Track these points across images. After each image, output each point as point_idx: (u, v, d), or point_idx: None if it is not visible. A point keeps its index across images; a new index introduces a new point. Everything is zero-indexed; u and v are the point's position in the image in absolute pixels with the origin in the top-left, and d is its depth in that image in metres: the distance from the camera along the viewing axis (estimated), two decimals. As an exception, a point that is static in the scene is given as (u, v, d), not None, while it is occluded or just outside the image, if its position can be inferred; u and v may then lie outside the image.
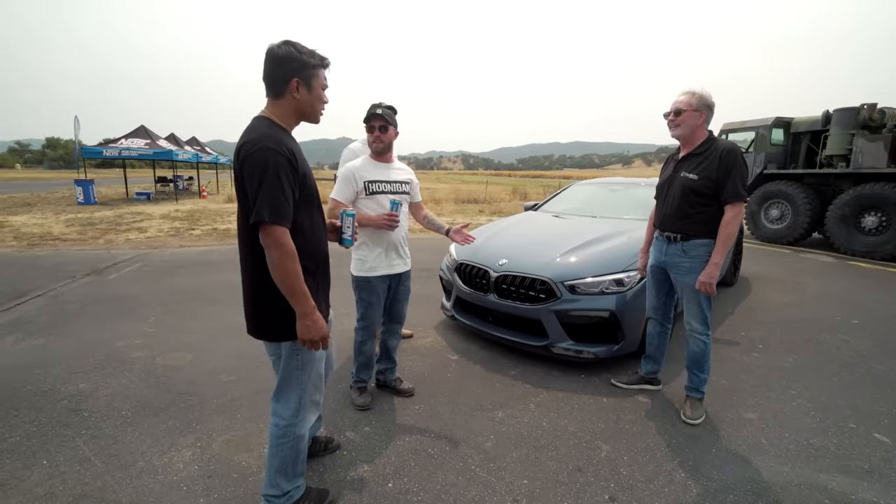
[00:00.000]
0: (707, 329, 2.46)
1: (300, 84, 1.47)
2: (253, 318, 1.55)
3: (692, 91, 2.33)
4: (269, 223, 1.35)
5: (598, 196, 5.08)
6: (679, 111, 2.35)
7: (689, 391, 2.56)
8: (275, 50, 1.44)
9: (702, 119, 2.35)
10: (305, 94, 1.49)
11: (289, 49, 1.44)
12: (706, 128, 2.39)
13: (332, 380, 2.83)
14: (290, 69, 1.44)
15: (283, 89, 1.47)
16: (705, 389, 2.54)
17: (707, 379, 2.53)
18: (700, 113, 2.33)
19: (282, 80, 1.45)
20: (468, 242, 2.61)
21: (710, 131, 2.41)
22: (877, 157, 7.34)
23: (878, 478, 2.01)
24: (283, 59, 1.44)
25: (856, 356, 3.34)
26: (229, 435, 2.27)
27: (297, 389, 1.60)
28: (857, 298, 4.91)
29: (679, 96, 2.37)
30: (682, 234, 2.42)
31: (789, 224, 8.52)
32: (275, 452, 1.62)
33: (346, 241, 1.79)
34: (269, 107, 1.50)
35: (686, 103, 2.33)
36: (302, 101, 1.50)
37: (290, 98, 1.48)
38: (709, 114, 2.35)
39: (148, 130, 16.98)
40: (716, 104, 2.35)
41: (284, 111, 1.50)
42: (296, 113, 1.53)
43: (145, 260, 6.46)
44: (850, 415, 2.53)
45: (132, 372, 2.94)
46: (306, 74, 1.47)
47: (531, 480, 1.97)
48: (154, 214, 12.04)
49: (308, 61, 1.46)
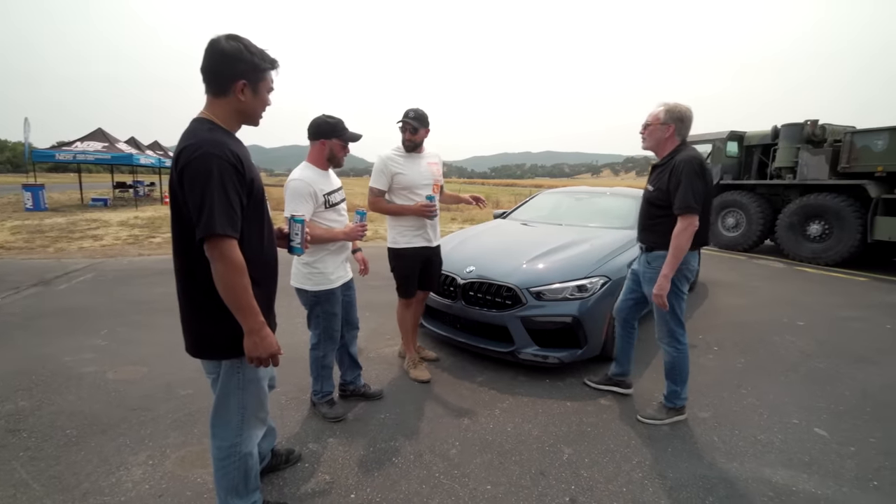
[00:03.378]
0: (675, 339, 2.46)
1: (246, 87, 1.36)
2: (190, 335, 1.45)
3: (664, 104, 2.38)
4: (215, 235, 1.25)
5: (565, 204, 5.22)
6: (647, 124, 2.43)
7: (663, 398, 2.58)
8: (222, 44, 1.31)
9: (669, 132, 2.36)
10: (251, 96, 1.38)
11: (238, 46, 1.32)
12: (677, 139, 2.38)
13: (293, 390, 2.78)
14: (238, 70, 1.34)
15: (226, 89, 1.35)
16: (680, 404, 2.53)
17: (680, 392, 2.51)
18: (667, 126, 2.35)
19: (227, 79, 1.34)
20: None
21: (682, 143, 2.40)
22: (819, 170, 7.86)
23: (817, 469, 2.13)
24: (230, 57, 1.32)
25: (801, 356, 3.55)
26: (184, 451, 2.18)
27: (238, 409, 1.50)
28: (803, 301, 5.22)
29: (654, 107, 2.43)
30: (646, 244, 2.48)
31: (744, 232, 8.99)
32: (222, 475, 1.54)
33: (295, 250, 1.71)
34: (209, 106, 1.38)
35: (654, 116, 2.40)
36: (246, 104, 1.39)
37: (234, 99, 1.37)
38: (679, 126, 2.35)
39: (106, 133, 16.25)
40: (691, 118, 2.34)
41: (226, 112, 1.38)
42: (238, 115, 1.41)
43: (100, 269, 6.15)
44: (793, 411, 2.68)
45: (80, 388, 2.78)
46: (254, 77, 1.37)
47: (494, 486, 1.99)
48: (111, 221, 11.49)
49: (258, 63, 1.36)
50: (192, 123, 1.37)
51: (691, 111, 2.36)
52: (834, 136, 8.16)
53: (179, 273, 1.42)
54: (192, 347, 1.46)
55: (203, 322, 1.41)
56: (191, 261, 1.36)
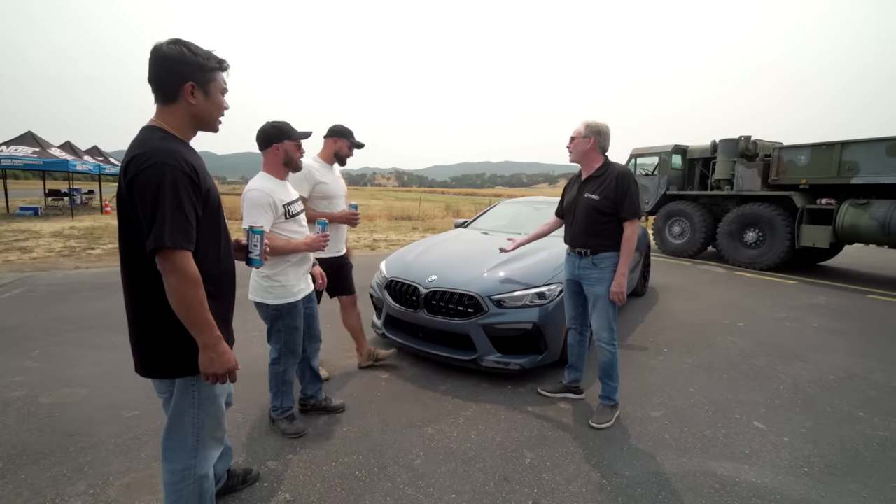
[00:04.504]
0: (613, 339, 2.66)
1: (195, 88, 1.32)
2: (140, 354, 1.37)
3: (585, 120, 2.66)
4: (168, 248, 1.20)
5: (524, 214, 5.36)
6: (572, 138, 2.69)
7: (601, 399, 2.74)
8: (164, 49, 1.28)
9: (590, 144, 2.62)
10: (202, 99, 1.35)
11: (180, 49, 1.29)
12: (598, 151, 2.65)
13: (249, 406, 2.68)
14: (183, 72, 1.30)
15: (174, 94, 1.31)
16: (617, 398, 2.72)
17: (617, 387, 2.72)
18: (588, 139, 2.62)
19: (173, 83, 1.30)
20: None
21: (605, 157, 2.69)
22: (753, 181, 8.56)
23: (756, 460, 2.30)
24: (173, 61, 1.29)
25: (741, 355, 3.82)
26: (129, 477, 2.04)
27: (193, 429, 1.43)
28: (742, 304, 5.63)
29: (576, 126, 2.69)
30: (590, 248, 2.64)
31: (689, 239, 9.60)
32: (174, 499, 1.45)
33: (254, 262, 1.65)
34: (160, 114, 1.33)
35: (576, 131, 2.67)
36: (198, 108, 1.35)
37: (185, 104, 1.33)
38: (598, 139, 2.62)
39: (37, 137, 14.96)
40: (609, 131, 2.64)
41: (178, 119, 1.34)
42: (192, 121, 1.37)
43: (29, 284, 5.64)
44: (735, 406, 2.88)
45: (6, 414, 2.54)
46: (202, 78, 1.33)
47: (459, 494, 2.00)
48: (43, 232, 10.59)
49: (204, 64, 1.33)
50: (143, 132, 1.31)
51: (608, 126, 2.66)
52: (765, 150, 8.91)
53: (128, 288, 1.34)
54: (142, 367, 1.38)
55: (154, 339, 1.34)
56: (140, 275, 1.29)
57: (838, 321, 4.92)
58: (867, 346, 4.12)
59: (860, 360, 3.73)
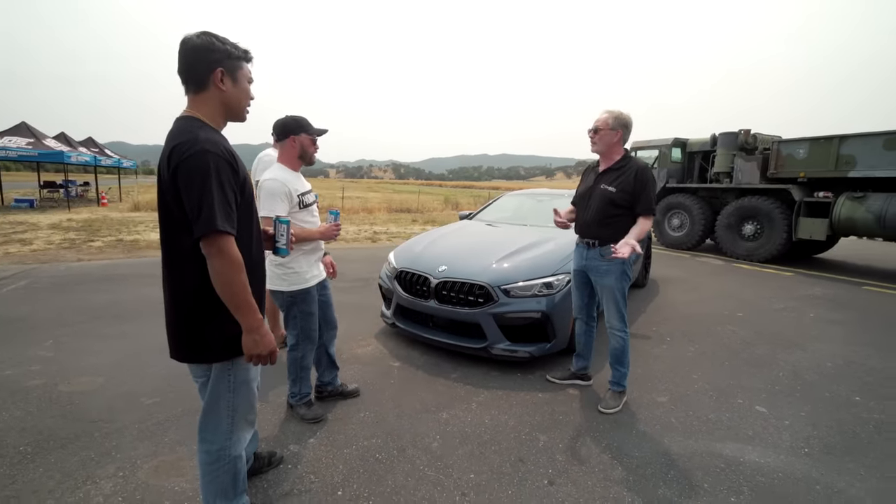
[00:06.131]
0: (625, 326, 2.72)
1: (225, 74, 1.35)
2: (178, 339, 1.40)
3: (611, 111, 2.60)
4: (215, 232, 1.23)
5: (527, 206, 5.42)
6: (597, 129, 2.62)
7: (611, 384, 2.81)
8: (193, 40, 1.32)
9: (617, 137, 2.59)
10: (231, 85, 1.37)
11: (209, 39, 1.33)
12: (622, 145, 2.65)
13: (267, 393, 2.74)
14: (213, 59, 1.33)
15: (205, 81, 1.34)
16: (626, 383, 2.80)
17: (627, 374, 2.79)
18: (616, 132, 2.59)
19: (204, 70, 1.33)
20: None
21: (626, 149, 2.68)
22: (752, 175, 8.65)
23: (759, 442, 2.40)
24: (203, 49, 1.32)
25: (741, 343, 3.92)
26: (157, 461, 2.10)
27: (228, 412, 1.48)
28: (741, 295, 5.73)
29: (600, 115, 2.63)
30: (600, 239, 2.68)
31: (688, 232, 9.70)
32: (210, 479, 1.51)
33: (281, 251, 1.69)
34: (193, 105, 1.36)
35: (603, 122, 2.60)
36: (228, 94, 1.38)
37: (216, 90, 1.35)
38: (625, 132, 2.60)
39: (31, 128, 14.80)
40: (632, 125, 2.60)
41: (210, 108, 1.37)
42: (222, 108, 1.40)
43: (33, 276, 5.65)
44: (737, 392, 2.97)
45: (28, 402, 2.58)
46: (230, 65, 1.36)
47: (477, 474, 2.07)
48: (41, 224, 10.54)
49: (231, 51, 1.36)
50: (179, 122, 1.34)
51: (631, 117, 2.61)
52: (764, 144, 8.99)
53: (167, 275, 1.39)
54: (181, 351, 1.42)
55: (192, 325, 1.38)
56: (181, 261, 1.33)
57: (835, 311, 5.03)
58: (863, 335, 4.23)
59: (857, 349, 3.84)
